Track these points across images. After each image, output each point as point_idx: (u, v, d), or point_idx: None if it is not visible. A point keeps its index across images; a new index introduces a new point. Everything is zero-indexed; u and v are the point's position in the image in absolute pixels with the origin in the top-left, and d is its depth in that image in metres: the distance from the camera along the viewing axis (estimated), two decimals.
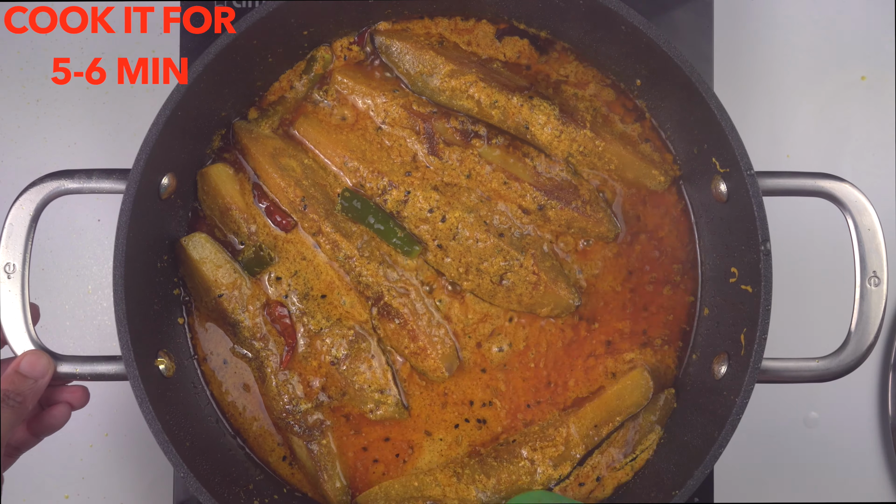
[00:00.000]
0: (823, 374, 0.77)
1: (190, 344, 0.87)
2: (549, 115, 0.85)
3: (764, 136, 1.01)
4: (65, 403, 0.78)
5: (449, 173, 0.86)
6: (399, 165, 0.86)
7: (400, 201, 0.85)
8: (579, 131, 0.85)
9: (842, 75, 1.02)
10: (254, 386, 0.87)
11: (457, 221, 0.84)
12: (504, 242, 0.84)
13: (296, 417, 0.85)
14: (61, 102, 0.99)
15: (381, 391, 0.85)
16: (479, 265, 0.85)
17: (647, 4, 0.97)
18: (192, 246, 0.85)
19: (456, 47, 0.88)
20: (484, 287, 0.85)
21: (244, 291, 0.85)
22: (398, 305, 0.85)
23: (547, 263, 0.86)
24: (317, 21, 0.85)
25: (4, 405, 0.70)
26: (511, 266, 0.84)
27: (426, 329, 0.85)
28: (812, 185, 0.78)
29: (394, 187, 0.85)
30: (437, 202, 0.85)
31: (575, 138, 0.85)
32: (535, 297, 0.85)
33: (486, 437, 0.87)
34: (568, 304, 0.86)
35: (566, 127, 0.85)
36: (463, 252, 0.85)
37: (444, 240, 0.85)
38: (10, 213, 0.77)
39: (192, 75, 0.77)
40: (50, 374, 0.74)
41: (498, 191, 0.86)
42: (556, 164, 0.86)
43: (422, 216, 0.85)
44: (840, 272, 0.88)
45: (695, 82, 0.76)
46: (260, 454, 0.87)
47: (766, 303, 0.75)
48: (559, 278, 0.86)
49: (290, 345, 0.85)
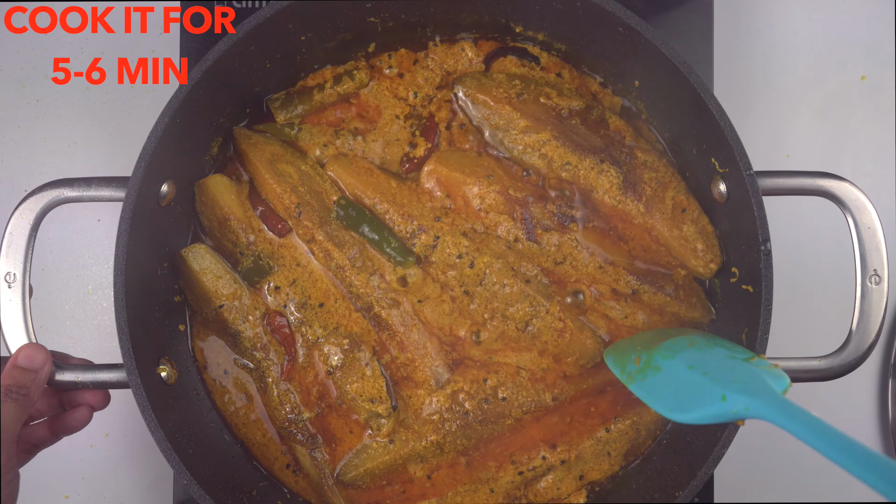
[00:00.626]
0: (825, 373, 0.77)
1: (191, 349, 0.87)
2: (613, 183, 0.85)
3: (764, 137, 1.01)
4: (86, 406, 0.79)
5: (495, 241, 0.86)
6: (429, 210, 0.86)
7: (429, 246, 0.85)
8: (635, 203, 0.85)
9: (842, 75, 1.02)
10: (256, 394, 0.87)
11: (485, 267, 0.84)
12: (530, 289, 0.84)
13: (298, 426, 0.85)
14: (61, 102, 0.99)
15: (373, 400, 0.84)
16: (505, 311, 0.84)
17: (647, 4, 0.97)
18: (193, 257, 0.85)
19: (535, 101, 0.87)
20: (508, 334, 0.85)
21: (244, 302, 0.85)
22: (387, 317, 0.85)
23: (574, 312, 0.86)
24: (313, 27, 0.84)
25: (8, 398, 0.70)
26: (537, 312, 0.84)
27: (416, 339, 0.85)
28: (812, 184, 0.78)
29: (423, 231, 0.85)
30: (466, 248, 0.84)
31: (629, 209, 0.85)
32: (560, 345, 0.85)
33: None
34: (594, 354, 0.85)
35: (626, 198, 0.85)
36: (489, 298, 0.85)
37: (471, 286, 0.85)
38: (9, 223, 0.77)
39: (191, 82, 0.76)
40: (49, 365, 0.75)
41: (593, 275, 0.85)
42: (652, 252, 0.86)
43: (450, 262, 0.85)
44: (840, 271, 0.88)
45: (693, 83, 0.76)
46: (263, 462, 0.87)
47: (766, 302, 0.75)
48: (585, 328, 0.85)
49: (290, 354, 0.85)
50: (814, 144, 1.01)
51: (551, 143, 0.85)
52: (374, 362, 0.85)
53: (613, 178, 0.85)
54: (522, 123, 0.86)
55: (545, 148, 0.85)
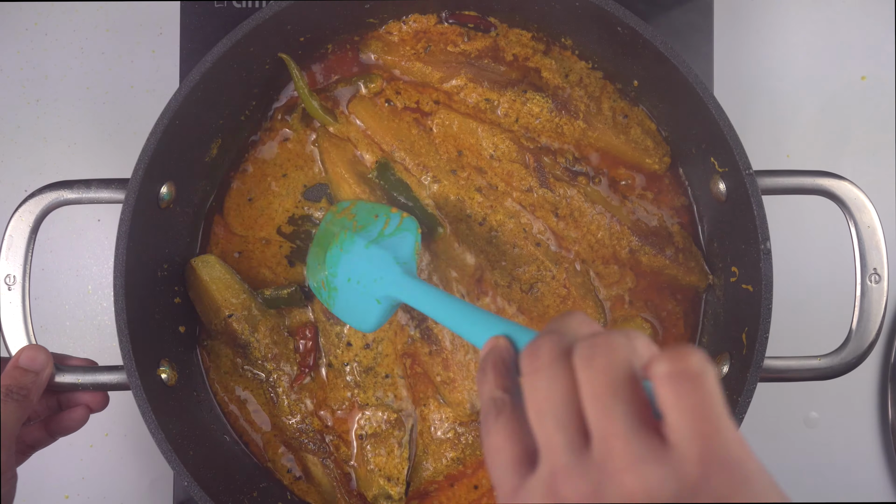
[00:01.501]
0: (826, 372, 0.77)
1: (196, 352, 0.87)
2: (542, 107, 0.85)
3: (764, 136, 1.01)
4: (84, 406, 0.79)
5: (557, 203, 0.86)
6: (445, 162, 0.86)
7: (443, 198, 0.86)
8: (573, 122, 0.85)
9: (842, 75, 1.02)
10: (260, 399, 0.87)
11: (497, 225, 0.84)
12: (539, 252, 0.84)
13: (309, 435, 0.85)
14: (61, 102, 0.99)
15: (389, 479, 0.84)
16: (513, 271, 0.85)
17: (647, 4, 0.97)
18: (202, 266, 0.85)
19: (443, 51, 0.88)
20: (513, 295, 0.85)
21: (254, 312, 0.85)
22: (438, 332, 0.84)
23: (578, 280, 0.86)
24: (312, 28, 0.85)
25: (9, 399, 0.70)
26: (543, 276, 0.84)
27: (461, 360, 0.85)
28: (811, 183, 0.78)
29: (437, 183, 0.85)
30: (479, 204, 0.85)
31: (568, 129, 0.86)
32: (561, 311, 0.85)
33: None
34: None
35: (560, 119, 0.85)
36: (499, 257, 0.85)
37: (483, 243, 0.85)
38: (9, 225, 0.77)
39: (189, 84, 0.77)
40: (50, 367, 0.75)
41: (595, 234, 0.86)
42: (654, 215, 0.87)
43: (461, 216, 0.85)
44: (840, 270, 0.88)
45: (692, 83, 0.76)
46: (265, 464, 0.87)
47: (767, 302, 0.75)
48: (588, 296, 0.86)
49: (303, 367, 0.85)
50: (814, 144, 1.01)
51: (468, 86, 0.86)
52: (406, 446, 0.84)
53: (541, 102, 0.85)
54: (437, 75, 0.87)
55: (464, 92, 0.86)
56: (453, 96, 0.87)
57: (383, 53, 0.88)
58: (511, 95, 0.86)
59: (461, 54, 0.87)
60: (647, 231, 0.86)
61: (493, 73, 0.87)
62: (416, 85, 0.88)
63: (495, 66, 0.88)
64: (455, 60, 0.87)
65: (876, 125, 1.01)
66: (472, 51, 0.87)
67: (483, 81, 0.86)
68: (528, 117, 0.86)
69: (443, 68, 0.87)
